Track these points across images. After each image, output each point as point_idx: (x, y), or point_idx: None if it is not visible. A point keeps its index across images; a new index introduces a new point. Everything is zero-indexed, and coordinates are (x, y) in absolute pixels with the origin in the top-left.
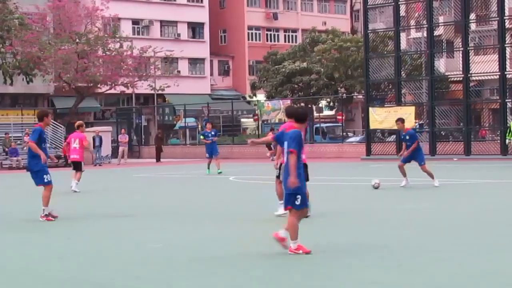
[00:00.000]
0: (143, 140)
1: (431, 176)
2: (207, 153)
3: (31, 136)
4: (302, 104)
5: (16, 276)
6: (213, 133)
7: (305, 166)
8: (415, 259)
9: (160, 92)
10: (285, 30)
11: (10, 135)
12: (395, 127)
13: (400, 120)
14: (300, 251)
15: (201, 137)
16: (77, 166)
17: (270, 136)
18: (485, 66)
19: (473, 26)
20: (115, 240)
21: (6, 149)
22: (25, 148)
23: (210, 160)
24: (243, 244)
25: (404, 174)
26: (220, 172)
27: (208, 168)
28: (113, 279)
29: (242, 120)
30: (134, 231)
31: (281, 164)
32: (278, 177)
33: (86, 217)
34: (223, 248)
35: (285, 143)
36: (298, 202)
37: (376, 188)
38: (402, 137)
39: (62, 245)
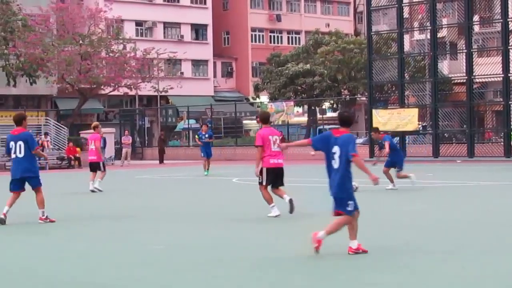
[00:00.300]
0: (146, 142)
1: (406, 177)
2: (202, 153)
3: (31, 144)
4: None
5: (17, 277)
6: (207, 135)
7: (281, 169)
8: (417, 260)
9: (163, 93)
10: (288, 32)
11: None
12: (399, 129)
13: (373, 131)
14: (360, 250)
15: (196, 137)
16: (94, 168)
17: (307, 140)
18: (488, 68)
19: (476, 28)
20: (117, 241)
21: None
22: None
23: (205, 161)
24: (246, 246)
25: (391, 180)
26: (206, 174)
27: (207, 169)
28: (115, 280)
29: (245, 122)
30: (136, 233)
31: (261, 170)
32: (261, 183)
33: (88, 219)
34: (225, 250)
35: (336, 147)
36: (350, 208)
37: (354, 191)
38: (380, 144)
39: (63, 246)
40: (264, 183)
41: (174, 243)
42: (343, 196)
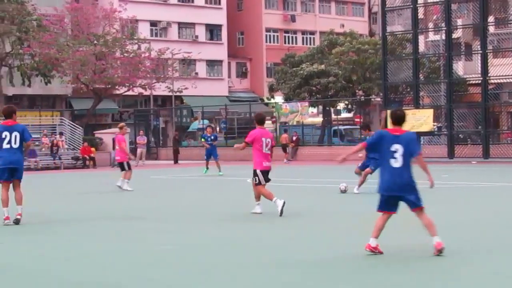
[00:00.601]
0: (160, 142)
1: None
2: (206, 155)
3: (27, 136)
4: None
5: (26, 277)
6: (212, 137)
7: (269, 171)
8: (434, 262)
9: (177, 94)
10: (303, 32)
11: None
12: (414, 130)
13: (363, 128)
14: (442, 246)
15: (202, 139)
16: (121, 167)
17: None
18: (503, 69)
19: (491, 29)
20: (129, 241)
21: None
22: (43, 149)
23: (207, 162)
24: (257, 246)
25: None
26: (220, 174)
27: (207, 168)
28: (125, 280)
29: None
30: (148, 233)
31: (254, 171)
32: (258, 184)
33: (99, 218)
34: (238, 251)
35: (397, 146)
36: (422, 202)
37: (344, 192)
38: None
39: (74, 246)
40: (262, 183)
41: (186, 243)
42: (415, 193)
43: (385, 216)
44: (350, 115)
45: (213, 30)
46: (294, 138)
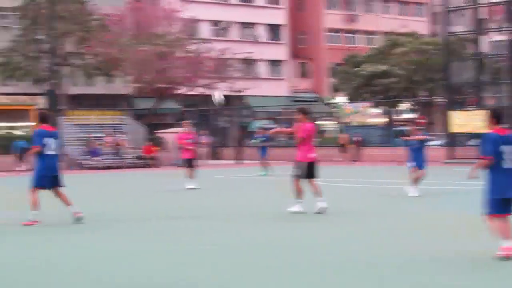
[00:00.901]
0: (223, 142)
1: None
2: (259, 155)
3: (60, 143)
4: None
5: (69, 277)
6: (264, 138)
7: (315, 163)
8: (492, 266)
9: (239, 94)
10: (364, 33)
11: (91, 135)
12: (477, 131)
13: (412, 124)
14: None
15: (253, 141)
16: (186, 164)
17: (488, 160)
18: None
19: None
20: (176, 241)
21: (89, 150)
22: (106, 148)
23: (265, 162)
24: (307, 247)
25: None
26: (263, 175)
27: (265, 170)
28: (178, 280)
29: (321, 122)
30: (204, 232)
31: (300, 163)
32: (298, 176)
33: (158, 218)
34: (289, 251)
35: (507, 147)
36: None
37: (217, 103)
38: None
39: (120, 246)
40: (302, 177)
41: (230, 242)
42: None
43: (502, 217)
44: (413, 115)
45: (274, 30)
46: (357, 139)
